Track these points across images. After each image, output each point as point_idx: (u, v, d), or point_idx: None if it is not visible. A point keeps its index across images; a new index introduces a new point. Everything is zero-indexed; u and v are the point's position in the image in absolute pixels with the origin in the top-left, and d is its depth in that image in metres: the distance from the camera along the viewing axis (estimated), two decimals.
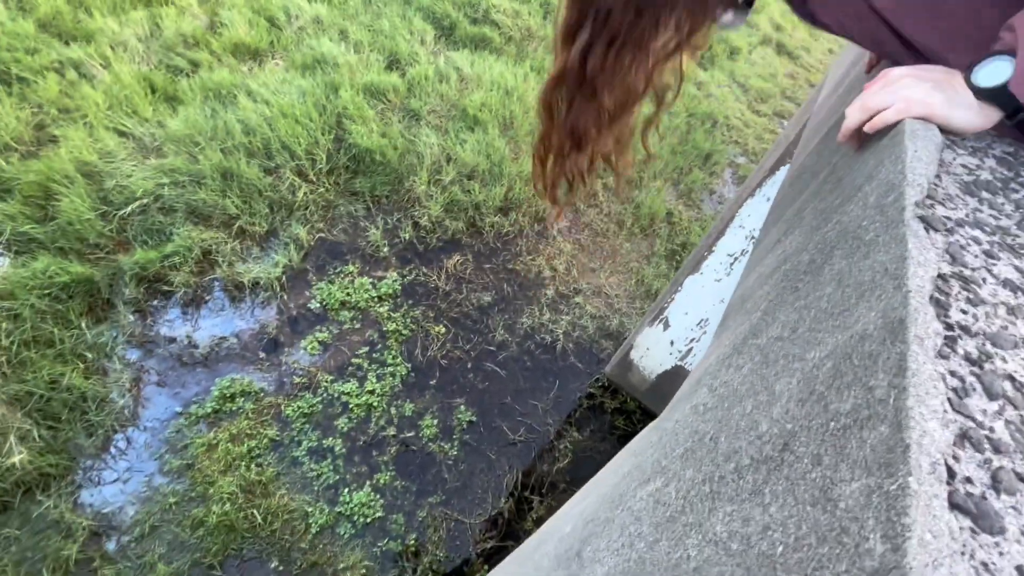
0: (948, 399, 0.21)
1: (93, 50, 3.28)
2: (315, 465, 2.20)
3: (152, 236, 2.61)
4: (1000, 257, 0.31)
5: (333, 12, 4.28)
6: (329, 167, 3.16)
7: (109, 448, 2.05)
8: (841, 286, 0.32)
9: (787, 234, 0.56)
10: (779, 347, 0.35)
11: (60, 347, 2.16)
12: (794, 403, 0.27)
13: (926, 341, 0.23)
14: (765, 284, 0.51)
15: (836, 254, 0.36)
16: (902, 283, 0.26)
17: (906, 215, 0.31)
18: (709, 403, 0.42)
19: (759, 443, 0.28)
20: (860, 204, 0.39)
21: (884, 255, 0.29)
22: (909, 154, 0.37)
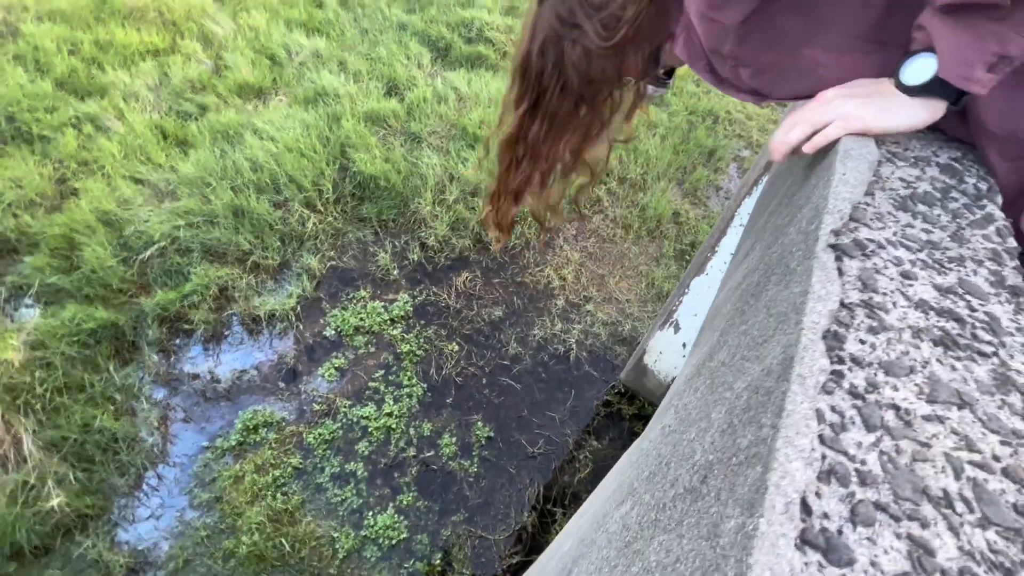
0: (821, 436, 0.23)
1: (107, 103, 3.44)
2: (339, 490, 2.24)
3: (171, 277, 2.71)
4: (919, 277, 0.33)
5: (331, 45, 4.40)
6: (336, 196, 3.24)
7: (141, 486, 2.13)
8: (768, 315, 0.33)
9: (753, 247, 0.58)
10: (722, 373, 0.37)
11: (91, 391, 2.25)
12: (719, 433, 0.29)
13: (808, 380, 0.24)
14: (729, 301, 0.52)
15: (772, 279, 0.38)
16: (800, 319, 0.27)
17: (818, 246, 0.32)
18: (672, 425, 0.43)
19: (691, 472, 0.30)
20: (796, 227, 0.41)
21: (797, 287, 0.31)
22: (836, 178, 0.39)
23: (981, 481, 0.22)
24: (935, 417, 0.24)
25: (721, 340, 0.43)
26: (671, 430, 0.43)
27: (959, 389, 0.26)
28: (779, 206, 0.56)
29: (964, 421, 0.24)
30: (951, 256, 0.36)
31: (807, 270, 0.30)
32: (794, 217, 0.43)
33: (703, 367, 0.44)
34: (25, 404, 2.12)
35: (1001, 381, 0.27)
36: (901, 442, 0.22)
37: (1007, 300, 0.33)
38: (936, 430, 0.24)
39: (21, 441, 1.98)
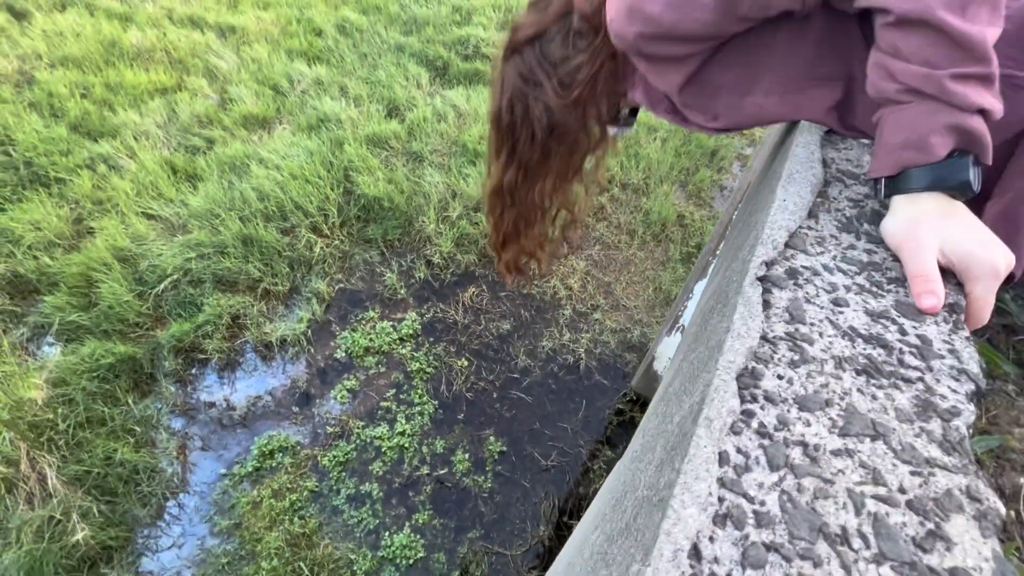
0: (721, 479, 0.23)
1: (119, 143, 3.56)
2: (355, 512, 2.26)
3: (185, 309, 2.77)
4: (850, 303, 0.33)
5: (332, 71, 4.51)
6: (341, 220, 3.30)
7: (163, 515, 2.17)
8: (706, 347, 0.34)
9: (720, 265, 0.58)
10: (671, 403, 0.37)
11: (111, 424, 2.31)
12: (654, 469, 0.30)
13: (715, 423, 0.25)
14: (694, 323, 0.53)
15: (716, 309, 0.39)
16: (717, 358, 0.28)
17: (746, 280, 0.33)
18: (637, 451, 0.44)
19: (631, 509, 0.31)
20: (742, 255, 0.41)
21: (727, 322, 0.32)
22: (775, 205, 0.40)
23: (882, 515, 0.22)
24: (844, 451, 0.25)
25: (680, 366, 0.44)
26: (636, 456, 0.44)
27: (875, 419, 0.26)
28: (741, 227, 0.57)
29: (875, 453, 0.25)
30: (891, 277, 0.37)
31: (734, 306, 0.31)
32: (744, 241, 0.44)
33: (666, 392, 0.45)
34: (49, 440, 2.19)
35: (923, 407, 0.28)
36: (804, 480, 0.23)
37: (944, 319, 0.34)
38: (843, 465, 0.24)
39: (46, 477, 2.04)
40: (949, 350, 0.32)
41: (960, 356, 0.32)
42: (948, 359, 0.31)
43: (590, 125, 0.80)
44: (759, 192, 0.57)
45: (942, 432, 0.27)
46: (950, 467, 0.26)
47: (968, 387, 0.31)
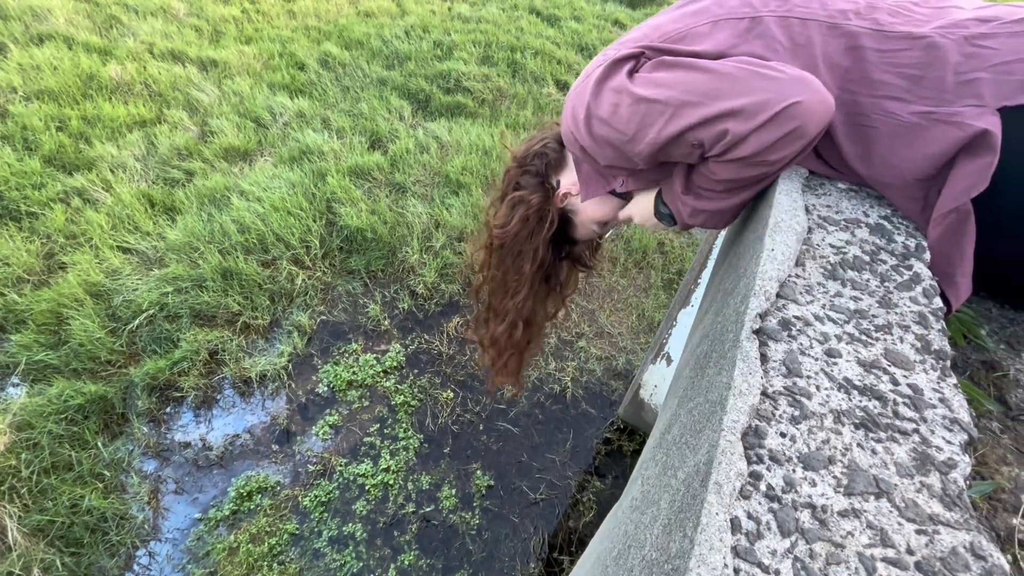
0: (735, 548, 0.23)
1: (95, 176, 3.50)
2: (337, 555, 2.17)
3: (160, 345, 2.69)
4: (843, 353, 0.34)
5: (314, 104, 4.55)
6: (323, 251, 3.28)
7: (132, 566, 2.05)
8: (706, 399, 0.35)
9: (710, 306, 0.59)
10: (673, 454, 0.37)
11: (78, 469, 2.20)
12: (660, 528, 0.30)
13: (724, 488, 0.25)
14: (688, 365, 0.54)
15: (713, 357, 0.39)
16: (721, 417, 0.29)
17: (743, 333, 0.34)
18: (637, 499, 0.44)
19: (641, 567, 0.30)
20: (733, 303, 0.42)
21: (726, 376, 0.32)
22: (764, 255, 0.41)
23: None
24: (851, 511, 0.25)
25: (677, 412, 0.44)
26: (635, 505, 0.43)
27: (877, 476, 0.27)
28: (728, 268, 0.58)
29: (881, 512, 0.25)
30: (878, 324, 0.38)
31: (732, 361, 0.32)
32: (735, 287, 0.45)
33: (663, 438, 0.45)
34: (10, 489, 2.07)
35: (921, 461, 0.28)
36: (815, 545, 0.23)
37: (932, 367, 0.35)
38: (851, 527, 0.24)
39: (5, 528, 1.93)
40: (940, 399, 0.33)
41: (951, 405, 0.33)
42: (939, 408, 0.32)
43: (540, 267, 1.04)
44: (743, 237, 0.59)
45: (941, 486, 0.28)
46: (952, 523, 0.26)
47: (961, 437, 0.31)
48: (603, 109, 0.67)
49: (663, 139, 0.63)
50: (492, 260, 1.04)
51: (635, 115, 0.64)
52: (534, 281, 1.04)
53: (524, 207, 0.96)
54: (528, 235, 0.98)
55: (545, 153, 0.95)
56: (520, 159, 0.98)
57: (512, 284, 1.04)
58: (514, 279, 1.03)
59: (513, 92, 5.09)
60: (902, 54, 0.57)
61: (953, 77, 0.54)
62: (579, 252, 1.11)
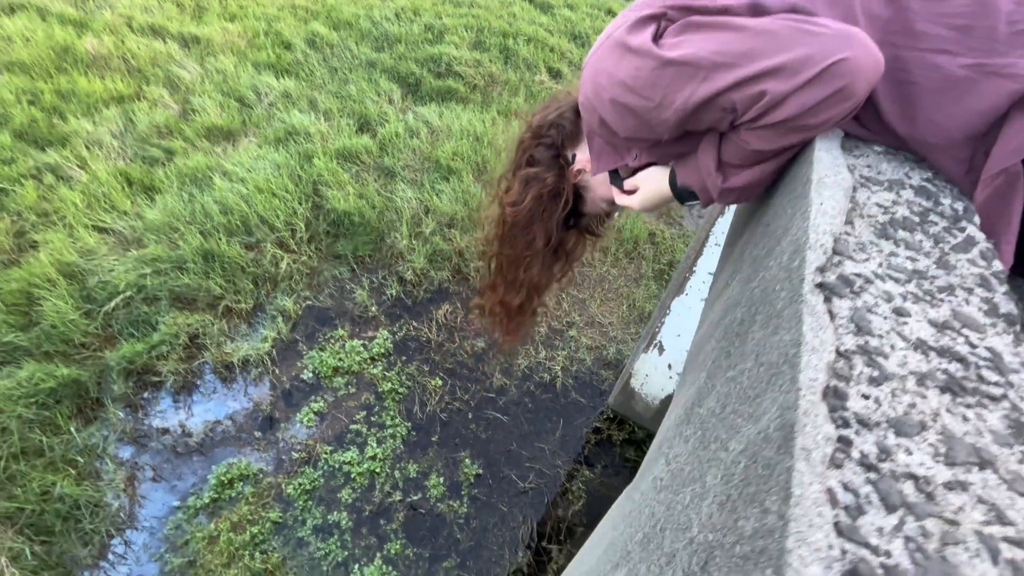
0: (837, 525, 0.20)
1: (69, 152, 3.36)
2: (322, 544, 2.12)
3: (137, 328, 2.60)
4: (912, 313, 0.30)
5: (301, 84, 4.41)
6: (309, 235, 3.19)
7: (106, 555, 1.98)
8: (758, 363, 0.31)
9: (732, 278, 0.56)
10: (712, 426, 0.34)
11: (50, 455, 2.12)
12: (717, 506, 0.26)
13: (814, 453, 0.21)
14: (712, 336, 0.50)
15: (758, 320, 0.35)
16: (795, 375, 0.25)
17: (804, 287, 0.30)
18: (664, 479, 0.40)
19: (690, 551, 0.26)
20: (776, 262, 0.38)
21: (787, 334, 0.28)
22: (814, 208, 0.37)
23: (1021, 562, 0.19)
24: (957, 484, 0.21)
25: (708, 384, 0.41)
26: (663, 485, 0.39)
27: (975, 444, 0.23)
28: (754, 235, 0.55)
29: (988, 485, 0.21)
30: (940, 285, 0.34)
31: (795, 315, 0.28)
32: (773, 249, 0.41)
33: (692, 413, 0.41)
34: None
35: (1017, 429, 0.25)
36: (927, 522, 0.19)
37: (1004, 331, 0.31)
38: (961, 501, 0.21)
39: None
40: (1021, 363, 0.29)
41: None
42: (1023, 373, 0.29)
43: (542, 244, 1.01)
44: (773, 201, 0.55)
45: None
46: None
47: None
48: (625, 74, 0.62)
49: (692, 105, 0.58)
50: (503, 236, 0.99)
51: (661, 79, 0.59)
52: (545, 255, 1.00)
53: (538, 185, 0.91)
54: (541, 214, 0.93)
55: (561, 124, 0.89)
56: (535, 129, 0.92)
57: (523, 259, 1.00)
58: (525, 254, 0.99)
59: (505, 79, 5.01)
60: (949, 3, 0.53)
61: (1006, 27, 0.51)
62: (588, 222, 1.07)
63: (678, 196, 0.78)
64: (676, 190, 0.77)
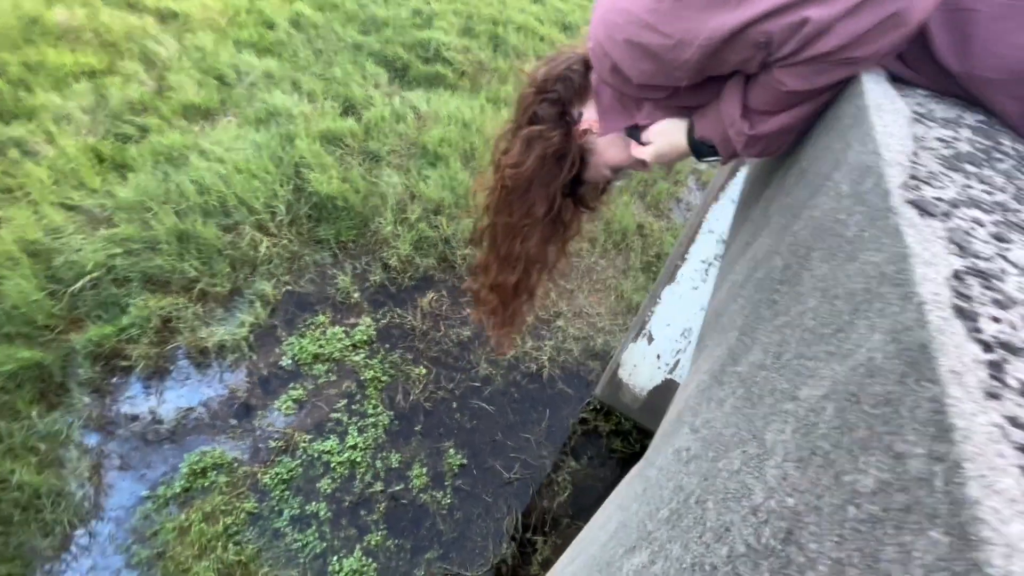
0: (1022, 468, 0.14)
1: (36, 126, 3.19)
2: (299, 535, 2.04)
3: (106, 310, 2.47)
4: (1012, 239, 0.26)
5: (284, 65, 4.27)
6: (290, 218, 3.08)
7: (69, 547, 1.88)
8: (827, 298, 0.26)
9: (755, 236, 0.51)
10: (763, 379, 0.28)
11: (8, 442, 2.00)
12: (792, 464, 0.21)
13: (966, 377, 0.16)
14: (738, 296, 0.45)
15: (814, 256, 0.30)
16: (909, 291, 0.20)
17: (893, 201, 0.25)
18: (692, 448, 0.35)
19: (755, 522, 0.21)
20: (832, 195, 0.33)
21: (876, 255, 0.23)
22: (879, 131, 0.32)
23: None
24: None
25: (744, 340, 0.35)
26: (692, 455, 0.34)
27: None
28: (784, 185, 0.50)
29: None
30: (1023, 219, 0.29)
31: (886, 231, 0.23)
32: (821, 186, 0.36)
33: (724, 374, 0.36)
34: None
35: None
36: None
37: None
38: None
39: None
40: None
41: None
42: None
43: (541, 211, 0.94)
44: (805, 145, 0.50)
45: None
46: None
47: None
48: (643, 8, 0.56)
49: (719, 38, 0.52)
50: (499, 203, 0.92)
51: (685, 10, 0.53)
52: (544, 227, 0.93)
53: (542, 144, 0.83)
54: (544, 177, 0.86)
55: (569, 77, 0.81)
56: (539, 84, 0.84)
57: (522, 229, 0.92)
58: (524, 224, 0.91)
59: (495, 66, 4.92)
60: None
61: None
62: (584, 192, 0.99)
63: (695, 151, 0.71)
64: (693, 143, 0.70)
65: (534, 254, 0.96)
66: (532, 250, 0.95)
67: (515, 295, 1.03)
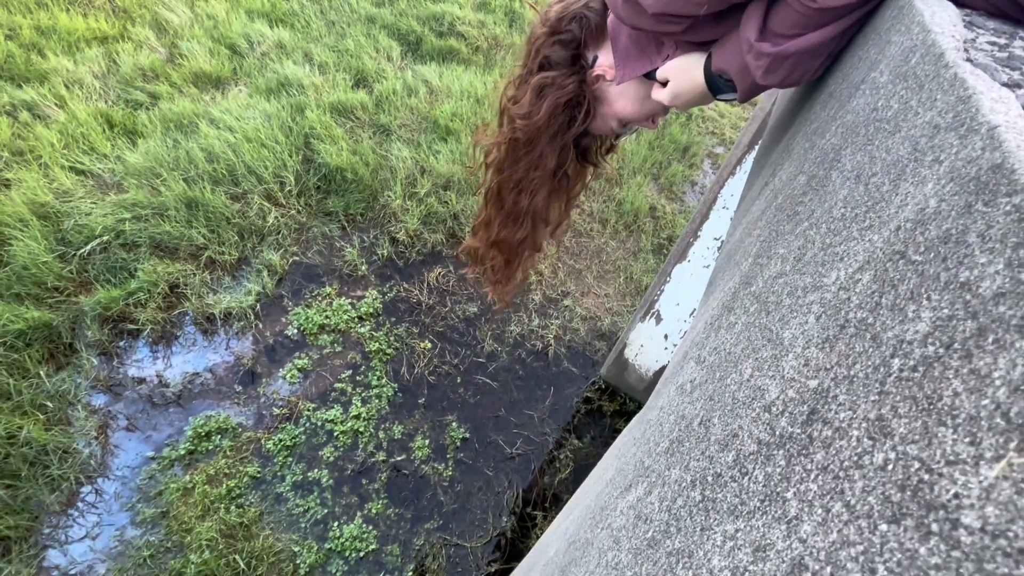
0: None
1: (47, 90, 3.18)
2: (301, 500, 2.06)
3: (115, 274, 2.48)
4: None
5: (296, 36, 4.22)
6: (299, 189, 3.06)
7: (75, 503, 1.91)
8: (862, 181, 0.22)
9: (775, 174, 0.47)
10: (781, 285, 0.25)
11: (17, 399, 2.02)
12: (816, 348, 0.18)
13: None
14: (755, 229, 0.41)
15: (844, 154, 0.27)
16: (973, 123, 0.16)
17: (948, 57, 0.21)
18: (697, 378, 0.32)
19: (768, 417, 0.18)
20: (867, 93, 0.30)
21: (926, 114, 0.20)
22: (927, 15, 0.28)
23: None
24: None
25: (759, 262, 0.32)
26: (697, 383, 0.31)
27: None
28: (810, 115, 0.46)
29: None
30: None
31: (940, 86, 0.19)
32: (853, 94, 0.32)
33: (735, 299, 0.33)
34: None
35: None
36: None
37: None
38: None
39: None
40: None
41: None
42: None
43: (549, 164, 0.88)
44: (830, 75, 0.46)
45: None
46: None
47: None
48: None
49: None
50: (507, 155, 0.86)
51: None
52: (553, 180, 0.88)
53: (555, 93, 0.78)
54: (555, 128, 0.80)
55: (585, 16, 0.75)
56: (553, 23, 0.78)
57: (530, 184, 0.87)
58: (533, 178, 0.86)
59: (509, 42, 4.82)
60: None
61: None
62: (588, 144, 0.93)
63: (711, 85, 0.66)
64: (710, 77, 0.65)
65: (540, 209, 0.92)
66: (539, 205, 0.91)
67: (518, 251, 0.99)
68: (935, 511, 0.11)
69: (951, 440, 0.11)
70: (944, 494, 0.11)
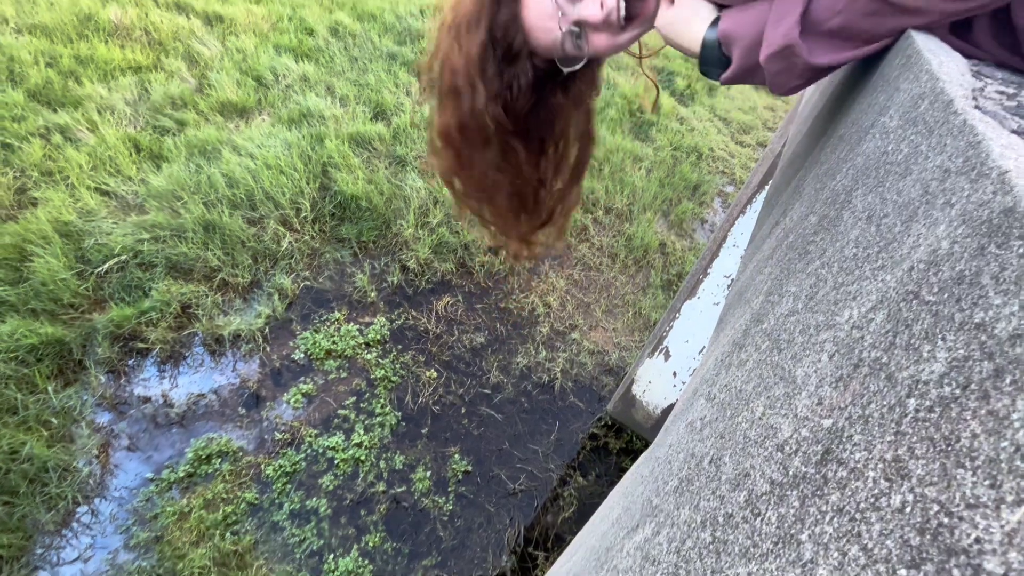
0: None
1: (80, 115, 3.32)
2: (297, 530, 2.01)
3: (129, 293, 2.52)
4: None
5: (320, 70, 4.39)
6: (314, 215, 3.12)
7: (70, 523, 1.88)
8: (873, 221, 0.23)
9: (785, 214, 0.47)
10: (793, 323, 0.25)
11: (24, 414, 2.03)
12: (829, 387, 0.18)
13: None
14: (766, 267, 0.41)
15: (855, 195, 0.27)
16: (983, 167, 0.17)
17: (957, 105, 0.22)
18: (708, 415, 0.31)
19: (781, 456, 0.18)
20: (877, 137, 0.30)
21: (936, 158, 0.20)
22: (934, 64, 0.29)
23: None
24: None
25: (771, 300, 0.32)
26: (707, 421, 0.31)
27: None
28: (818, 159, 0.46)
29: None
30: None
31: (950, 132, 0.20)
32: (863, 138, 0.33)
33: (747, 336, 0.33)
34: None
35: None
36: None
37: None
38: None
39: None
40: None
41: None
42: None
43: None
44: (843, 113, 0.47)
45: None
46: None
47: None
48: None
49: None
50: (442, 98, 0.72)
51: None
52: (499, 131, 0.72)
53: None
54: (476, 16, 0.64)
55: None
56: None
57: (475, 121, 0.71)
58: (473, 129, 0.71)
59: None
60: None
61: None
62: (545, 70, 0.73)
63: (704, 52, 0.57)
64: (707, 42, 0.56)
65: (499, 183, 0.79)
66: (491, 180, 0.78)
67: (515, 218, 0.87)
68: (956, 556, 0.10)
69: (971, 483, 0.11)
70: (965, 538, 0.11)
